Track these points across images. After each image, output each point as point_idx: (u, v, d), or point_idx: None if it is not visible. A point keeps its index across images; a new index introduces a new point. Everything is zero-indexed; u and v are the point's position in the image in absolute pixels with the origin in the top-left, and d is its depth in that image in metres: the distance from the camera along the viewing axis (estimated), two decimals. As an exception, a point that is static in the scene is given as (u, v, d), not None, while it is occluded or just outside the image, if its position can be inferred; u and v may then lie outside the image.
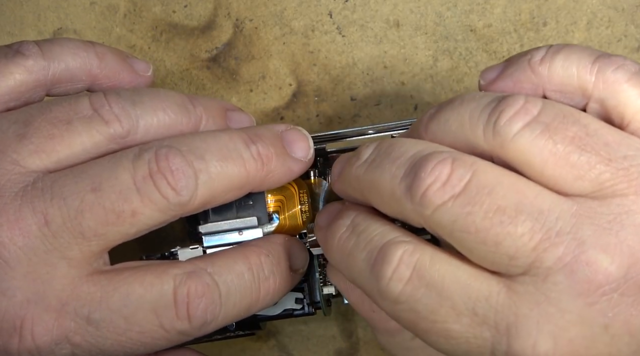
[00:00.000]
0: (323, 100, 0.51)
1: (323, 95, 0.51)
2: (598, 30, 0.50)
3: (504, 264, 0.34)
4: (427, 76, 0.50)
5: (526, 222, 0.34)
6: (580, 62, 0.37)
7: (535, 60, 0.38)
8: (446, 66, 0.50)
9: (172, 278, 0.38)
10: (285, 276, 0.41)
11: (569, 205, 0.34)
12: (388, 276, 0.35)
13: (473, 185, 0.34)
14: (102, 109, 0.39)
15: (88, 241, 0.37)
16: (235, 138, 0.40)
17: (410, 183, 0.35)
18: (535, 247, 0.34)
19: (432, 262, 0.35)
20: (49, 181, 0.38)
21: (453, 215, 0.34)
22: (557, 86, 0.37)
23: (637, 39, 0.50)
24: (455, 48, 0.50)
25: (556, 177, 0.34)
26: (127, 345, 0.38)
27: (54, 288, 0.37)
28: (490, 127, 0.35)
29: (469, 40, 0.50)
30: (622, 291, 0.33)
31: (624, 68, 0.36)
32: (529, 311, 0.34)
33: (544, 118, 0.35)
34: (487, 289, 0.35)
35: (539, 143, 0.34)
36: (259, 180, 0.40)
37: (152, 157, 0.38)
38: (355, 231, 0.38)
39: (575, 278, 0.33)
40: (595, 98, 0.37)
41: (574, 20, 0.49)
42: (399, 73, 0.51)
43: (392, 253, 0.36)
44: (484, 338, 0.34)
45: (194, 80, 0.52)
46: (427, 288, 0.35)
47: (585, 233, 0.34)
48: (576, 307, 0.34)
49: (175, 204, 0.38)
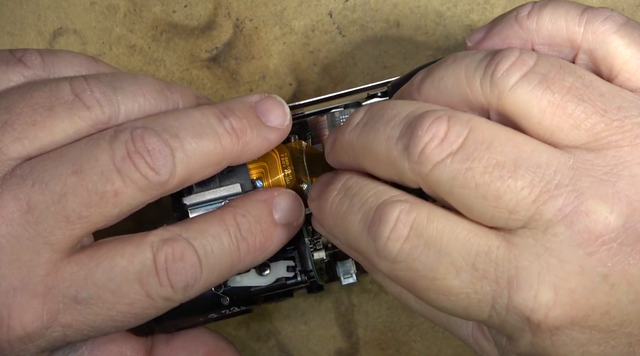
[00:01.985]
0: (323, 100, 0.51)
1: (323, 95, 0.51)
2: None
3: (504, 218, 0.34)
4: (427, 76, 0.50)
5: (525, 175, 0.34)
6: (568, 15, 0.37)
7: (522, 15, 0.38)
8: (446, 66, 0.50)
9: (150, 245, 0.38)
10: (269, 232, 0.41)
11: (566, 158, 0.34)
12: (385, 235, 0.35)
13: (471, 141, 0.34)
14: (83, 94, 0.39)
15: (72, 224, 0.37)
16: (208, 114, 0.40)
17: (407, 142, 0.35)
18: (535, 200, 0.34)
19: (430, 219, 0.35)
20: (28, 167, 0.38)
21: (452, 171, 0.34)
22: (545, 39, 0.38)
23: (637, 39, 0.50)
24: (455, 48, 0.50)
25: (553, 126, 0.35)
26: (118, 318, 0.39)
27: (38, 273, 0.37)
28: (487, 80, 0.35)
29: (469, 40, 0.50)
30: (621, 241, 0.34)
31: (611, 19, 0.37)
32: (529, 263, 0.34)
33: (541, 69, 0.35)
34: (486, 244, 0.35)
35: (537, 93, 0.35)
36: (235, 154, 0.40)
37: (128, 138, 0.38)
38: (348, 193, 0.38)
39: (575, 228, 0.34)
40: (584, 50, 0.37)
41: (574, 20, 0.49)
42: (399, 73, 0.51)
43: (389, 212, 0.35)
44: (484, 293, 0.35)
45: (194, 80, 0.52)
46: (426, 246, 0.35)
47: (584, 185, 0.34)
48: (576, 257, 0.34)
49: (155, 183, 0.38)
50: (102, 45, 0.52)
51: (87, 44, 0.52)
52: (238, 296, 0.43)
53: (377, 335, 0.52)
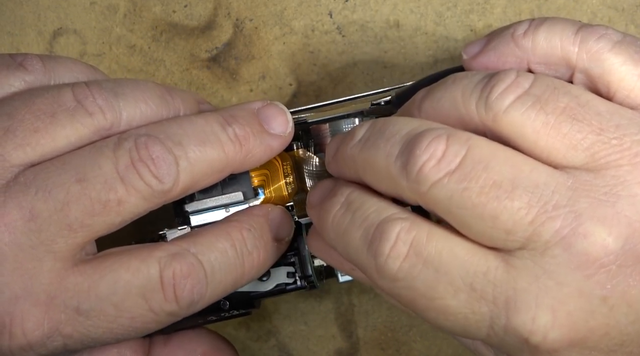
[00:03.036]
0: (323, 100, 0.51)
1: (323, 95, 0.51)
2: (598, 30, 0.50)
3: (502, 239, 0.34)
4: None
5: (523, 195, 0.34)
6: (563, 33, 0.37)
7: (518, 33, 0.38)
8: (446, 66, 0.50)
9: (157, 261, 0.38)
10: (269, 247, 0.41)
11: (565, 178, 0.34)
12: (385, 253, 0.35)
13: (468, 161, 0.34)
14: (85, 101, 0.39)
15: (74, 233, 0.37)
16: (211, 121, 0.40)
17: (405, 160, 0.35)
18: (533, 221, 0.34)
19: (429, 238, 0.35)
20: (31, 175, 0.37)
21: (449, 191, 0.34)
22: (541, 58, 0.37)
23: (637, 39, 0.50)
24: (455, 48, 0.50)
25: (549, 148, 0.35)
26: (118, 332, 0.39)
27: (41, 282, 0.37)
28: (483, 102, 0.35)
29: (469, 40, 0.50)
30: (620, 263, 0.34)
31: (606, 37, 0.37)
32: (527, 285, 0.34)
33: (535, 90, 0.35)
34: (484, 264, 0.35)
35: (531, 114, 0.35)
36: (239, 162, 0.40)
37: (132, 146, 0.38)
38: (350, 208, 0.38)
39: (573, 251, 0.34)
40: (580, 69, 0.37)
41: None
42: (399, 73, 0.50)
43: (389, 230, 0.35)
44: (482, 313, 0.35)
45: (194, 80, 0.52)
46: (425, 265, 0.35)
47: (582, 206, 0.34)
48: (574, 280, 0.34)
49: (159, 191, 0.38)
50: (102, 45, 0.52)
51: (87, 44, 0.52)
52: (238, 300, 0.43)
53: (377, 335, 0.52)
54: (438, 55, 0.50)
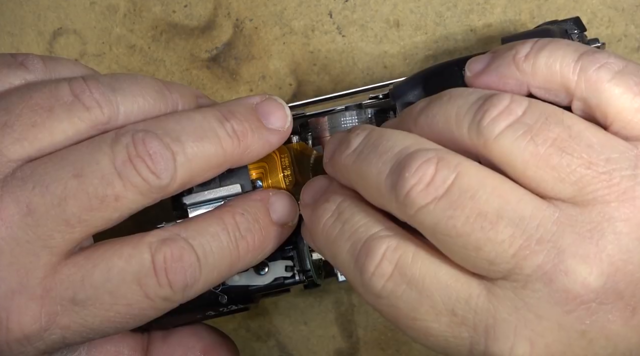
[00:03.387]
0: (323, 100, 0.51)
1: (323, 95, 0.51)
2: (598, 30, 0.50)
3: (484, 268, 0.34)
4: (427, 76, 0.50)
5: (507, 228, 0.34)
6: (563, 60, 0.37)
7: (519, 56, 0.37)
8: (446, 66, 0.50)
9: (148, 246, 0.38)
10: (266, 232, 0.41)
11: (551, 211, 0.34)
12: (371, 271, 0.36)
13: (456, 188, 0.34)
14: (82, 95, 0.39)
15: (71, 228, 0.37)
16: (209, 117, 0.40)
17: (395, 181, 0.35)
18: (515, 254, 0.34)
19: (414, 259, 0.35)
20: (29, 170, 0.37)
21: (435, 217, 0.34)
22: (541, 83, 0.37)
23: (637, 39, 0.50)
24: (455, 48, 0.50)
25: (537, 179, 0.34)
26: (116, 320, 0.39)
27: (36, 276, 0.37)
28: (475, 126, 0.35)
29: (469, 40, 0.50)
30: (601, 300, 0.34)
31: (606, 66, 0.36)
32: (507, 315, 0.34)
33: (528, 119, 0.35)
34: (467, 290, 0.35)
35: (521, 144, 0.34)
36: (237, 157, 0.40)
37: (129, 142, 0.38)
38: (341, 218, 0.38)
39: (554, 286, 0.34)
40: (578, 97, 0.36)
41: (574, 20, 0.49)
42: (399, 73, 0.51)
43: (376, 248, 0.36)
44: (463, 338, 0.35)
45: (194, 80, 0.52)
46: (409, 286, 0.35)
47: (566, 242, 0.34)
48: (554, 314, 0.34)
49: (156, 187, 0.38)
50: (102, 45, 0.52)
51: (87, 44, 0.52)
52: (236, 294, 0.43)
53: (377, 335, 0.52)
54: (438, 55, 0.50)
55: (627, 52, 0.49)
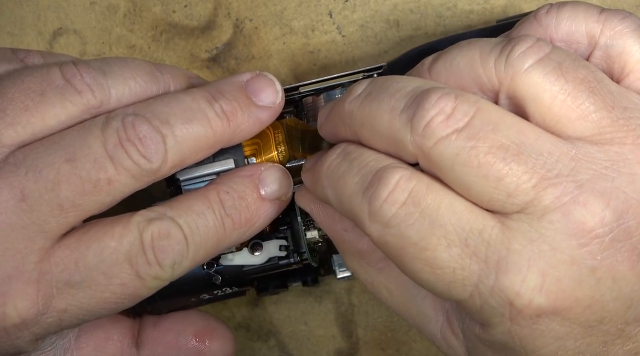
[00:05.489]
0: (323, 100, 0.51)
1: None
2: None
3: (501, 201, 0.34)
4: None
5: (528, 160, 0.34)
6: (587, 12, 0.38)
7: (541, 12, 0.38)
8: (446, 66, 0.50)
9: (136, 225, 0.39)
10: (254, 208, 0.41)
11: (569, 148, 0.35)
12: (383, 198, 0.35)
13: (477, 121, 0.34)
14: (74, 79, 0.39)
15: (65, 212, 0.38)
16: (197, 98, 0.40)
17: (412, 114, 0.35)
18: (535, 185, 0.34)
19: (429, 189, 0.35)
20: (21, 155, 0.38)
21: (456, 148, 0.34)
22: (563, 35, 0.38)
23: (636, 39, 0.50)
24: (455, 48, 0.50)
25: (561, 114, 0.35)
26: (111, 300, 0.39)
27: (31, 260, 0.37)
28: (503, 60, 0.36)
29: (469, 40, 0.50)
30: (613, 236, 0.34)
31: (629, 18, 0.37)
32: (521, 247, 0.34)
33: (556, 57, 0.35)
34: (481, 222, 0.35)
35: (551, 78, 0.35)
36: (227, 137, 0.40)
37: (119, 126, 0.38)
38: (348, 157, 0.38)
39: (571, 218, 0.34)
40: (601, 46, 0.37)
41: (574, 20, 0.50)
42: (399, 73, 0.51)
43: (390, 176, 0.35)
44: (471, 271, 0.35)
45: (194, 80, 0.52)
46: (421, 214, 0.35)
47: (583, 177, 0.34)
48: (568, 247, 0.34)
49: (148, 170, 0.38)
50: (102, 45, 0.52)
51: (87, 44, 0.52)
52: (230, 275, 0.43)
53: (377, 335, 0.52)
54: (438, 55, 0.50)
55: (626, 52, 0.50)
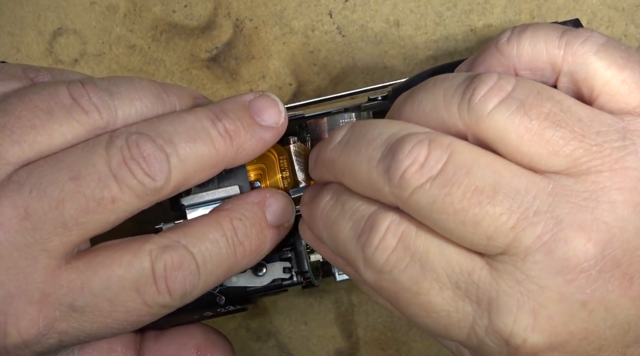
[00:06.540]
0: (323, 100, 0.51)
1: (323, 95, 0.51)
2: (598, 30, 0.50)
3: (483, 244, 0.34)
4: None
5: (504, 201, 0.34)
6: (547, 37, 0.37)
7: (502, 41, 0.38)
8: (446, 66, 0.50)
9: (148, 254, 0.38)
10: (263, 235, 0.41)
11: (545, 183, 0.34)
12: (374, 244, 0.36)
13: (450, 166, 0.34)
14: (81, 99, 0.39)
15: (69, 231, 0.37)
16: (201, 117, 0.40)
17: (387, 165, 0.35)
18: (514, 227, 0.34)
19: (418, 232, 0.35)
20: (25, 173, 0.37)
21: (431, 196, 0.34)
22: (526, 64, 0.37)
23: (637, 39, 0.50)
24: (455, 48, 0.50)
25: (532, 153, 0.35)
26: (113, 326, 0.39)
27: (35, 280, 0.37)
28: (465, 104, 0.35)
29: (469, 40, 0.50)
30: (600, 268, 0.34)
31: (591, 40, 0.37)
32: (509, 288, 0.34)
33: (519, 94, 0.35)
34: (470, 264, 0.35)
35: (515, 119, 0.35)
36: (230, 156, 0.40)
37: (123, 144, 0.38)
38: (340, 200, 0.38)
39: (554, 256, 0.34)
40: (565, 72, 0.37)
41: (574, 20, 0.49)
42: (399, 73, 0.51)
43: (380, 221, 0.36)
44: (465, 312, 0.35)
45: (194, 80, 0.52)
46: (412, 259, 0.35)
47: (562, 212, 0.34)
48: (555, 284, 0.34)
49: (152, 189, 0.38)
50: (102, 45, 0.52)
51: (87, 44, 0.52)
52: (234, 295, 0.43)
53: (377, 335, 0.52)
54: (438, 55, 0.50)
55: (627, 52, 0.49)
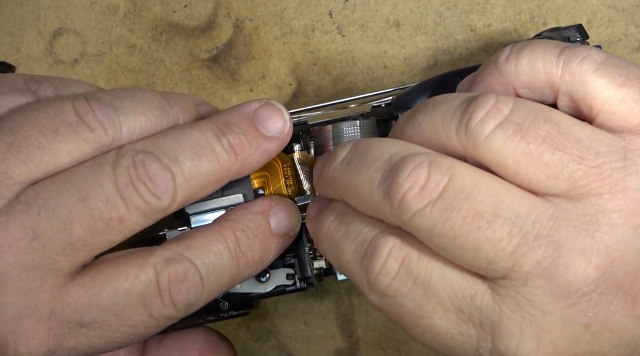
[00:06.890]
0: (323, 100, 0.51)
1: (323, 95, 0.51)
2: (598, 30, 0.50)
3: (483, 268, 0.34)
4: (427, 76, 0.50)
5: (504, 226, 0.34)
6: (545, 56, 0.37)
7: (500, 60, 0.37)
8: (446, 66, 0.50)
9: (153, 267, 0.38)
10: (266, 245, 0.41)
11: (546, 207, 0.34)
12: (377, 269, 0.36)
13: (450, 190, 0.34)
14: (86, 116, 0.38)
15: (77, 251, 0.37)
16: (205, 132, 0.40)
17: (388, 188, 0.35)
18: (514, 252, 0.34)
19: (420, 257, 0.35)
20: (33, 193, 0.37)
21: (431, 220, 0.34)
22: (525, 83, 0.37)
23: (637, 39, 0.50)
24: (455, 48, 0.50)
25: (530, 176, 0.34)
26: (121, 340, 0.39)
27: (43, 299, 0.37)
28: (463, 129, 0.35)
29: (469, 40, 0.50)
30: (601, 291, 0.34)
31: (589, 58, 0.36)
32: (511, 313, 0.34)
33: (516, 117, 0.35)
34: (472, 288, 0.35)
35: (512, 143, 0.34)
36: (235, 170, 0.40)
37: (130, 164, 0.38)
38: (344, 221, 0.38)
39: (555, 281, 0.34)
40: (563, 91, 0.36)
41: (574, 20, 0.49)
42: (399, 73, 0.51)
43: (382, 246, 0.36)
44: (470, 336, 0.35)
45: (194, 80, 0.52)
46: (415, 284, 0.35)
47: (562, 236, 0.34)
48: (557, 309, 0.34)
49: (158, 208, 0.38)
50: (102, 45, 0.52)
51: (87, 44, 0.52)
52: (237, 301, 0.43)
53: (377, 335, 0.52)
54: (438, 55, 0.50)
55: (627, 52, 0.49)
